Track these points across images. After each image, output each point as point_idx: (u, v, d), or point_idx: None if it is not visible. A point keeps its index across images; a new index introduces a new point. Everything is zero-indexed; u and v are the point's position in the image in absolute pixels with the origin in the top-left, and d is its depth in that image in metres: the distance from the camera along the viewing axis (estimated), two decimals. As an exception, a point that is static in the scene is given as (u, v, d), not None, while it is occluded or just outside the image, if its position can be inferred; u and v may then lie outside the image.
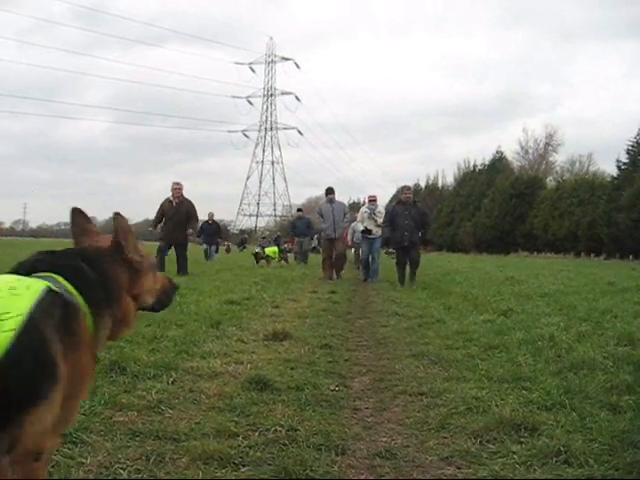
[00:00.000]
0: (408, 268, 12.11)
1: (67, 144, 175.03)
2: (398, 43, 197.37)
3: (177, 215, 12.87)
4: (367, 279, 14.13)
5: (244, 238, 29.85)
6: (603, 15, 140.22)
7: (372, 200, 14.74)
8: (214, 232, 22.56)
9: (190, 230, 13.20)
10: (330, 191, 14.74)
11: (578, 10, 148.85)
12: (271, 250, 21.14)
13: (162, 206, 13.03)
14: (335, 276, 14.36)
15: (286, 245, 26.45)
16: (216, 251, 22.95)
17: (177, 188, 13.03)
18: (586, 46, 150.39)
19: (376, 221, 13.82)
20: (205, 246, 22.25)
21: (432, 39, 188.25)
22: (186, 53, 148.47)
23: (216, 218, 24.38)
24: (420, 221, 12.09)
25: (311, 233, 22.01)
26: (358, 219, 15.07)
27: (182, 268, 12.74)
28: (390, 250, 17.12)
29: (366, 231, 14.06)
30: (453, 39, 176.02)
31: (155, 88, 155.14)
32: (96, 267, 1.77)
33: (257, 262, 19.73)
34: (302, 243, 21.35)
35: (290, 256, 23.17)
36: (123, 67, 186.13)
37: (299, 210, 22.82)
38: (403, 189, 12.87)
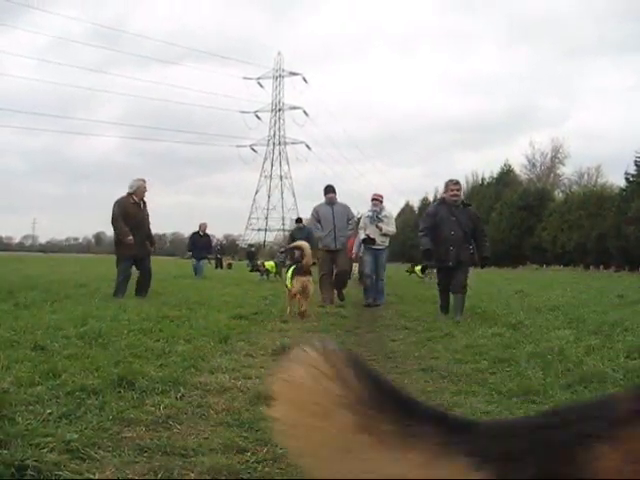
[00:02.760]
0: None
1: (80, 160, 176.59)
2: (407, 59, 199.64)
3: (145, 220, 10.50)
4: (370, 304, 10.85)
5: (251, 252, 27.37)
6: (610, 29, 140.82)
7: (376, 200, 11.32)
8: (206, 245, 20.67)
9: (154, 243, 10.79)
10: (330, 189, 11.46)
11: (584, 25, 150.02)
12: (269, 264, 20.17)
13: (125, 208, 10.12)
14: (337, 298, 11.27)
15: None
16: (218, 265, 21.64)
17: (144, 186, 10.47)
18: (593, 60, 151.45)
19: (380, 228, 10.97)
20: (194, 261, 20.16)
21: (440, 55, 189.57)
22: (200, 70, 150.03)
23: (225, 233, 23.37)
24: (472, 230, 8.58)
25: (311, 245, 19.03)
26: (359, 226, 11.67)
27: (146, 286, 10.42)
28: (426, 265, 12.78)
29: (368, 240, 11.01)
30: (461, 55, 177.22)
31: (167, 104, 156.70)
32: None
33: (261, 274, 19.22)
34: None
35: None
36: (135, 84, 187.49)
37: (298, 220, 19.32)
38: (449, 185, 8.81)
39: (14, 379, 3.73)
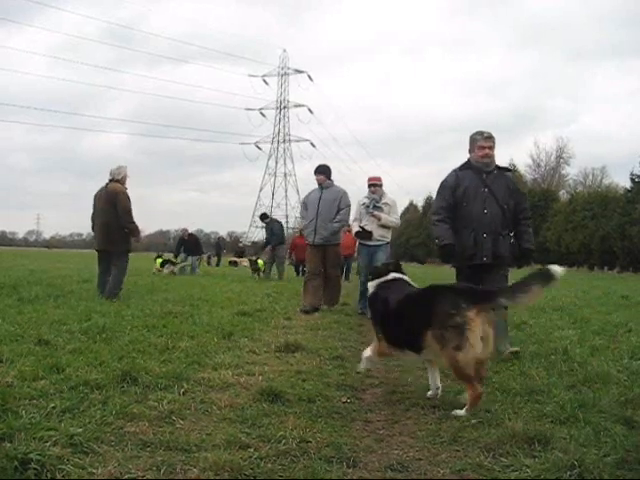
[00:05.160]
0: None
1: (86, 157, 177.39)
2: (414, 61, 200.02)
3: None
4: (365, 311, 8.34)
5: (241, 249, 25.47)
6: (616, 33, 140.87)
7: (374, 185, 9.03)
8: (194, 245, 21.07)
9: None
10: (319, 170, 9.23)
11: (590, 28, 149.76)
12: (260, 262, 19.81)
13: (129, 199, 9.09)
14: (323, 304, 9.02)
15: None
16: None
17: (127, 173, 9.38)
18: (599, 64, 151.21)
19: (378, 218, 8.77)
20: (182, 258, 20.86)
21: (448, 58, 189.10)
22: (210, 68, 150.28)
23: (229, 230, 22.95)
24: (513, 208, 5.60)
25: (275, 240, 17.77)
26: (353, 216, 9.21)
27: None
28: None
29: (363, 234, 8.81)
30: (467, 57, 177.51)
31: (174, 102, 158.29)
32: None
33: (253, 273, 19.04)
34: (269, 254, 17.82)
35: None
36: (145, 82, 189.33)
37: (263, 217, 18.40)
38: (477, 139, 5.61)
39: (18, 373, 3.73)
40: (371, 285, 4.32)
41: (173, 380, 3.91)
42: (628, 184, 44.99)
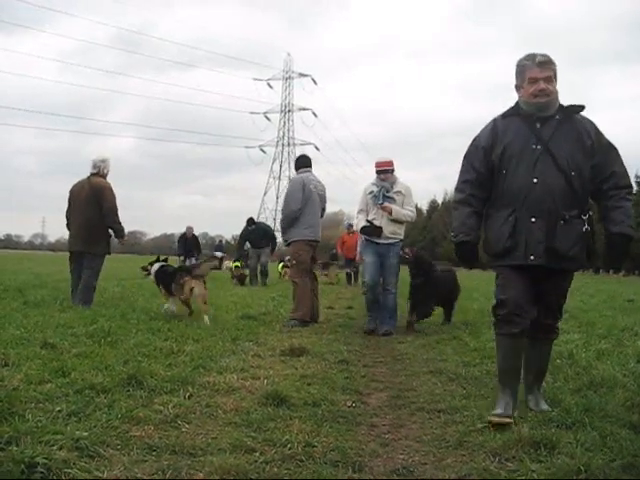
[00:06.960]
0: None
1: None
2: (419, 66, 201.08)
3: None
4: (375, 328, 7.25)
5: (244, 253, 23.20)
6: (619, 40, 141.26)
7: (383, 170, 7.33)
8: (194, 246, 20.32)
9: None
10: (302, 162, 8.14)
11: (595, 34, 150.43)
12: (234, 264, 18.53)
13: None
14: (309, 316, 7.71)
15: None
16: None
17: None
18: (602, 69, 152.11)
19: (389, 210, 7.18)
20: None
21: (452, 62, 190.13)
22: (216, 72, 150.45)
23: (234, 234, 22.58)
24: (590, 174, 3.50)
25: (273, 242, 17.49)
26: (358, 207, 7.64)
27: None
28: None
29: (371, 230, 7.24)
30: (473, 62, 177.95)
31: (180, 106, 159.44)
32: None
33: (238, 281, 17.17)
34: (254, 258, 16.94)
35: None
36: (152, 87, 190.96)
37: (250, 222, 16.98)
38: (527, 66, 3.46)
39: (24, 376, 3.74)
40: (156, 265, 8.00)
41: (178, 384, 3.91)
42: (633, 187, 44.98)
